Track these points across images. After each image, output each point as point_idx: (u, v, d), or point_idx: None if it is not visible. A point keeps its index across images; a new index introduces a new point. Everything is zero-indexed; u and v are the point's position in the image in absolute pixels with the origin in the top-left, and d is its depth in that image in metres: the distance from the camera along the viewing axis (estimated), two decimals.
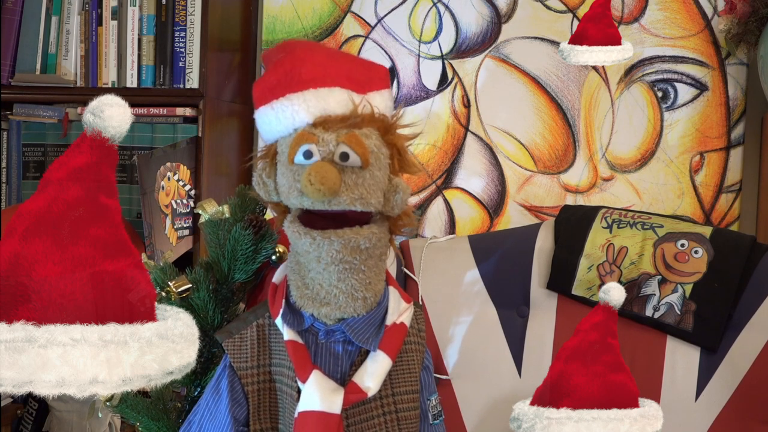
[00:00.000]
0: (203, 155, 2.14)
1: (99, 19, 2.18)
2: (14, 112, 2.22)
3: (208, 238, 1.36)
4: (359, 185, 1.04)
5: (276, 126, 1.09)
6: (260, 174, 1.12)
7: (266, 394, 1.17)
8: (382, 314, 1.14)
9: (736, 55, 2.23)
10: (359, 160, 1.04)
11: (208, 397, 1.19)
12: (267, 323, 1.18)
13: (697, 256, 1.56)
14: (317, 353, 1.13)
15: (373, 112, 1.09)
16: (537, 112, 2.31)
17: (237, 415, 1.16)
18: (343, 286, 1.09)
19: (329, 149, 1.04)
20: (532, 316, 1.61)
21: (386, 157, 1.09)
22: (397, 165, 1.11)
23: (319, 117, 1.07)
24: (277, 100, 1.08)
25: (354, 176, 1.04)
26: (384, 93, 1.14)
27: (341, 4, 2.36)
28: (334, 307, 1.10)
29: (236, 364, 1.17)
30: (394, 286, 1.18)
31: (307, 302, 1.11)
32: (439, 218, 2.34)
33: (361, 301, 1.11)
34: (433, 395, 1.22)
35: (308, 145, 1.05)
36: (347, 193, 1.03)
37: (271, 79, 1.10)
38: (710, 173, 2.26)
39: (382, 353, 1.13)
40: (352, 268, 1.08)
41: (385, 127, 1.10)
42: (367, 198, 1.05)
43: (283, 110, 1.07)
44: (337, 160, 1.04)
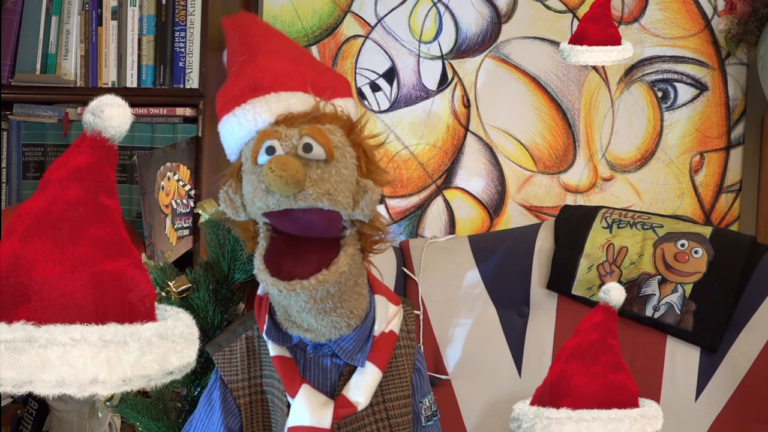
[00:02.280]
0: (203, 155, 2.14)
1: (99, 19, 2.18)
2: (14, 112, 2.22)
3: (208, 238, 1.36)
4: (325, 180, 0.99)
5: (239, 131, 1.06)
6: (226, 191, 1.07)
7: (258, 406, 1.16)
8: (369, 326, 1.12)
9: (736, 55, 2.23)
10: (323, 152, 1.00)
11: (201, 409, 1.18)
12: (256, 335, 1.16)
13: (697, 256, 1.56)
14: (306, 367, 1.12)
15: (336, 111, 1.06)
16: (537, 112, 2.31)
17: (231, 425, 1.15)
18: (324, 322, 1.06)
19: (292, 143, 1.00)
20: (532, 316, 1.61)
21: (352, 156, 1.04)
22: (364, 167, 1.06)
23: (280, 115, 1.04)
24: (239, 106, 1.06)
25: (319, 171, 0.99)
26: (348, 100, 1.12)
27: (341, 4, 2.36)
28: (319, 334, 1.08)
29: (226, 377, 1.16)
30: (380, 293, 1.15)
31: (292, 326, 1.09)
32: (439, 218, 2.34)
33: (345, 328, 1.08)
34: (426, 397, 1.20)
35: (270, 141, 1.01)
36: (313, 187, 0.98)
37: (234, 90, 1.07)
38: (710, 173, 2.26)
39: (371, 365, 1.11)
40: (326, 310, 1.04)
41: (349, 126, 1.07)
42: (335, 195, 0.99)
43: (244, 114, 1.05)
44: (300, 153, 1.00)
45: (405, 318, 1.19)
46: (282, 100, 1.05)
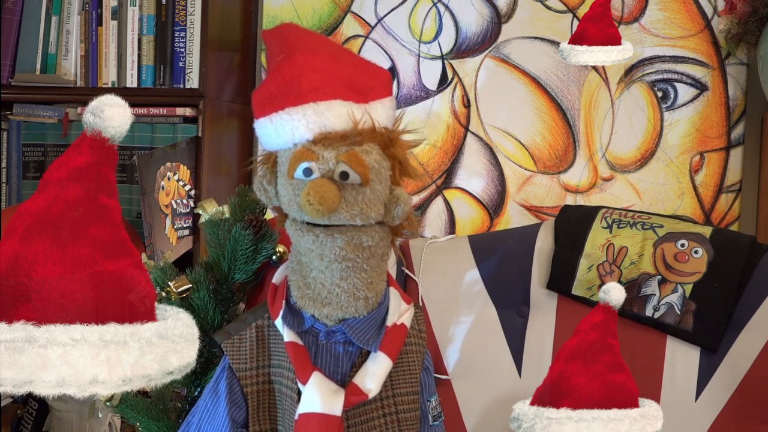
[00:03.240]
0: (203, 155, 2.14)
1: (99, 19, 2.18)
2: (14, 112, 2.22)
3: (208, 238, 1.36)
4: (359, 201, 1.05)
5: (275, 139, 1.09)
6: (261, 181, 1.12)
7: (265, 395, 1.17)
8: (382, 315, 1.14)
9: (736, 55, 2.23)
10: (359, 179, 1.04)
11: (207, 399, 1.19)
12: (266, 324, 1.17)
13: (697, 256, 1.56)
14: (318, 354, 1.13)
15: (373, 127, 1.08)
16: (537, 112, 2.31)
17: (235, 416, 1.16)
18: (345, 284, 1.09)
19: (329, 167, 1.04)
20: (532, 316, 1.61)
21: (387, 169, 1.09)
22: (398, 174, 1.11)
23: (318, 134, 1.06)
24: (276, 113, 1.07)
25: (354, 192, 1.05)
26: (386, 102, 1.13)
27: (341, 4, 2.36)
28: (336, 306, 1.10)
29: (235, 365, 1.16)
30: (394, 287, 1.18)
31: (308, 303, 1.11)
32: (439, 218, 2.34)
33: (362, 301, 1.11)
34: (433, 396, 1.22)
35: (308, 163, 1.04)
36: (347, 209, 1.04)
37: (270, 88, 1.09)
38: (710, 173, 2.26)
39: (382, 354, 1.13)
40: (354, 266, 1.08)
41: (387, 140, 1.09)
42: (367, 212, 1.06)
43: (282, 125, 1.07)
44: (336, 179, 1.04)
45: (416, 318, 1.21)
46: (319, 113, 1.06)
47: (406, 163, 1.11)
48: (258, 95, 1.11)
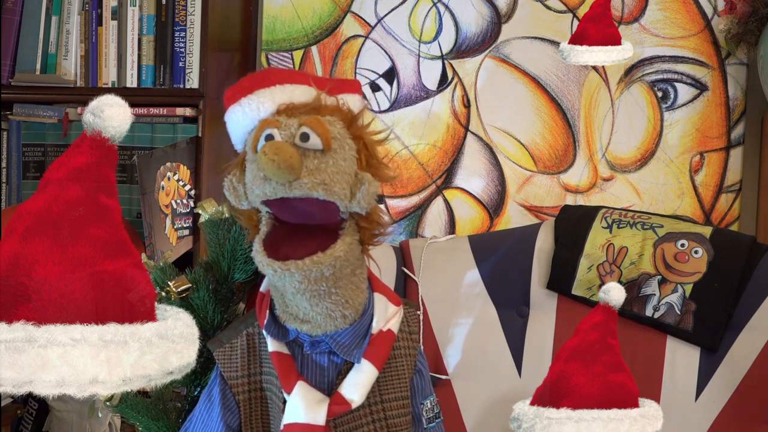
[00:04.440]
0: (203, 155, 2.14)
1: (99, 19, 2.18)
2: (14, 112, 2.22)
3: (208, 238, 1.36)
4: (321, 170, 1.01)
5: (243, 121, 1.09)
6: (230, 179, 1.10)
7: (257, 402, 1.17)
8: (367, 323, 1.12)
9: (736, 55, 2.23)
10: (320, 142, 1.01)
11: (201, 406, 1.19)
12: (256, 332, 1.17)
13: (697, 256, 1.56)
14: (303, 364, 1.12)
15: (338, 104, 1.08)
16: (537, 112, 2.31)
17: (229, 422, 1.16)
18: (318, 309, 1.07)
19: (291, 132, 1.02)
20: (532, 316, 1.61)
21: (351, 149, 1.05)
22: (364, 161, 1.07)
23: (282, 104, 1.07)
24: (245, 97, 1.09)
25: (316, 161, 1.01)
26: (353, 96, 1.13)
27: (341, 4, 2.36)
28: (314, 325, 1.09)
29: (226, 373, 1.16)
30: (380, 291, 1.15)
31: (290, 318, 1.10)
32: (439, 218, 2.34)
33: (340, 319, 1.09)
34: (427, 398, 1.19)
35: (270, 129, 1.03)
36: (309, 176, 0.99)
37: (242, 83, 1.11)
38: (710, 173, 2.26)
39: (367, 363, 1.11)
40: (321, 293, 1.05)
41: (350, 118, 1.08)
42: (331, 185, 1.01)
43: (249, 104, 1.08)
44: (297, 142, 1.01)
45: (407, 319, 1.19)
46: (286, 92, 1.07)
47: (372, 148, 1.09)
48: (230, 90, 1.13)
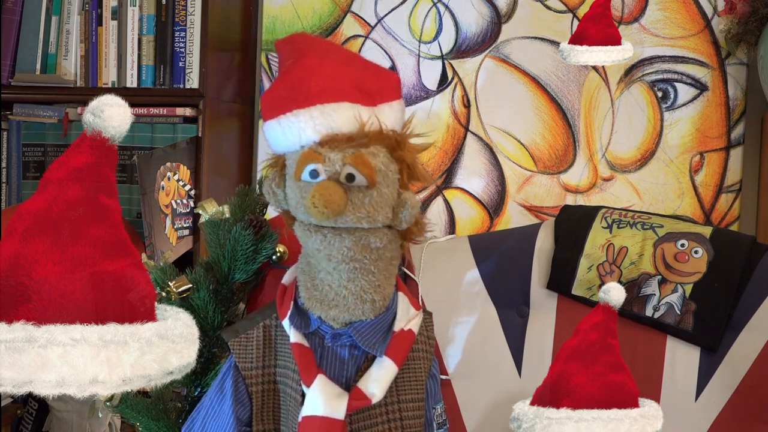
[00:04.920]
0: (203, 155, 2.14)
1: (99, 19, 2.18)
2: (14, 112, 2.22)
3: (208, 238, 1.36)
4: (366, 204, 1.04)
5: (283, 141, 1.09)
6: (270, 184, 1.12)
7: (270, 395, 1.17)
8: (390, 320, 1.13)
9: (736, 55, 2.23)
10: (365, 181, 1.04)
11: (213, 396, 1.19)
12: (274, 324, 1.17)
13: (697, 256, 1.56)
14: (323, 357, 1.13)
15: (381, 129, 1.08)
16: (537, 112, 2.31)
17: (240, 415, 1.16)
18: (353, 286, 1.09)
19: (335, 169, 1.04)
20: (532, 316, 1.61)
21: (395, 172, 1.08)
22: (406, 178, 1.10)
23: (325, 135, 1.05)
24: (284, 115, 1.07)
25: (361, 195, 1.04)
26: (394, 105, 1.12)
27: (341, 4, 2.36)
28: (343, 309, 1.10)
29: (241, 364, 1.16)
30: (404, 293, 1.17)
31: (315, 304, 1.11)
32: (439, 218, 2.34)
33: (369, 304, 1.10)
34: (438, 404, 1.21)
35: (314, 165, 1.04)
36: (353, 212, 1.04)
37: (279, 90, 1.09)
38: (710, 173, 2.26)
39: (388, 359, 1.12)
40: (362, 267, 1.08)
41: (394, 143, 1.09)
42: (374, 216, 1.05)
43: (289, 126, 1.06)
44: (343, 181, 1.04)
45: (425, 324, 1.21)
46: (326, 115, 1.06)
47: (414, 167, 1.11)
48: (267, 97, 1.10)
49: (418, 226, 1.13)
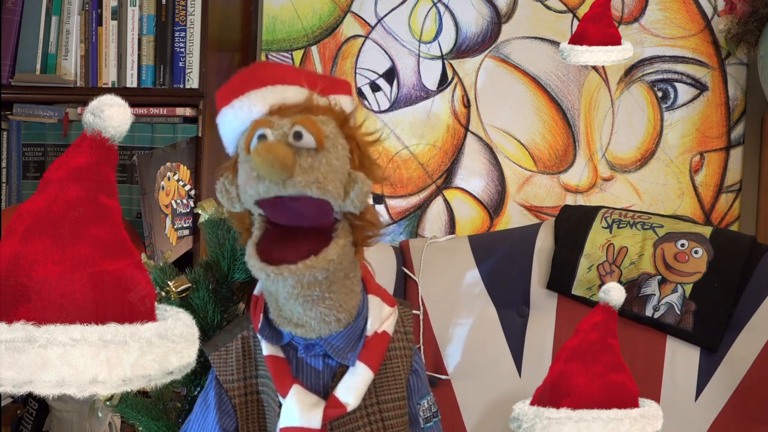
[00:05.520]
0: (203, 155, 2.14)
1: (99, 19, 2.18)
2: (14, 112, 2.22)
3: (208, 238, 1.36)
4: (315, 169, 1.00)
5: (234, 123, 1.07)
6: (223, 182, 1.08)
7: (254, 406, 1.16)
8: (361, 326, 1.12)
9: (736, 55, 2.23)
10: (313, 140, 1.00)
11: (197, 410, 1.18)
12: (251, 335, 1.16)
13: (697, 256, 1.56)
14: (298, 367, 1.12)
15: (330, 104, 1.07)
16: (537, 112, 2.31)
17: (226, 426, 1.15)
18: (312, 314, 1.06)
19: (283, 131, 1.01)
20: (532, 316, 1.61)
21: (344, 148, 1.05)
22: (357, 161, 1.06)
23: (274, 105, 1.05)
24: (237, 98, 1.07)
25: (309, 159, 1.00)
26: (344, 97, 1.12)
27: (341, 4, 2.36)
28: (309, 329, 1.08)
29: (222, 377, 1.16)
30: (374, 293, 1.15)
31: (284, 322, 1.09)
32: (439, 218, 2.34)
33: (335, 323, 1.08)
34: (424, 398, 1.19)
35: (262, 129, 1.01)
36: (302, 175, 0.98)
37: (233, 83, 1.09)
38: (710, 173, 2.26)
39: (362, 366, 1.11)
40: (314, 298, 1.05)
41: (343, 118, 1.07)
42: (324, 183, 1.00)
43: (240, 106, 1.06)
44: (291, 141, 1.00)
45: (402, 319, 1.18)
46: (277, 92, 1.06)
47: (364, 150, 1.08)
48: (221, 91, 1.11)
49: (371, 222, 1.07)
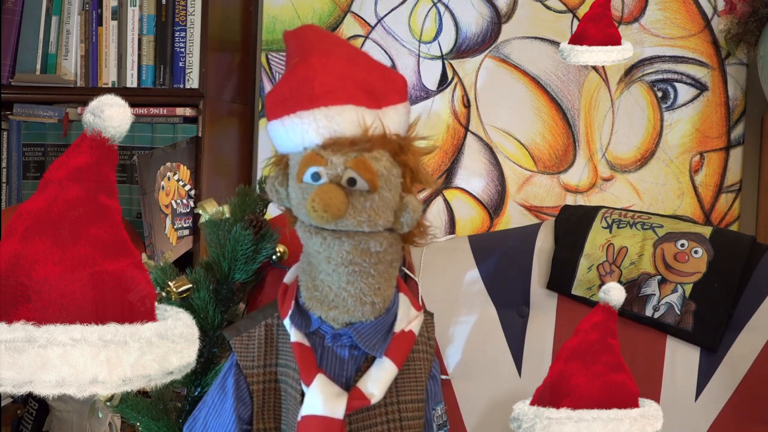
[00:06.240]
0: (203, 155, 2.15)
1: (99, 19, 2.18)
2: (14, 112, 2.22)
3: (208, 238, 1.36)
4: (367, 208, 1.04)
5: (286, 141, 1.08)
6: (273, 182, 1.12)
7: (271, 394, 1.17)
8: (390, 321, 1.14)
9: (736, 55, 2.23)
10: (367, 186, 1.04)
11: (214, 394, 1.19)
12: (275, 323, 1.17)
13: (697, 256, 1.56)
14: (323, 357, 1.13)
15: (384, 134, 1.07)
16: (537, 112, 2.31)
17: (241, 413, 1.16)
18: (352, 289, 1.09)
19: (337, 172, 1.04)
20: (532, 316, 1.61)
21: (397, 177, 1.08)
22: (409, 182, 1.10)
23: (328, 139, 1.05)
24: (288, 116, 1.06)
25: (362, 199, 1.04)
26: (399, 108, 1.11)
27: (341, 4, 2.36)
28: (342, 310, 1.10)
29: (242, 362, 1.17)
30: (405, 294, 1.17)
31: (316, 304, 1.11)
32: (439, 218, 2.34)
33: (369, 306, 1.10)
34: (438, 405, 1.21)
35: (316, 168, 1.04)
36: (354, 216, 1.04)
37: (283, 90, 1.08)
38: (710, 173, 2.26)
39: (387, 360, 1.12)
40: (361, 270, 1.08)
41: (398, 147, 1.08)
42: (375, 219, 1.05)
43: (293, 128, 1.06)
44: (344, 185, 1.04)
45: (426, 325, 1.21)
46: (330, 118, 1.05)
47: (417, 171, 1.10)
48: (270, 97, 1.10)
49: (420, 229, 1.13)
